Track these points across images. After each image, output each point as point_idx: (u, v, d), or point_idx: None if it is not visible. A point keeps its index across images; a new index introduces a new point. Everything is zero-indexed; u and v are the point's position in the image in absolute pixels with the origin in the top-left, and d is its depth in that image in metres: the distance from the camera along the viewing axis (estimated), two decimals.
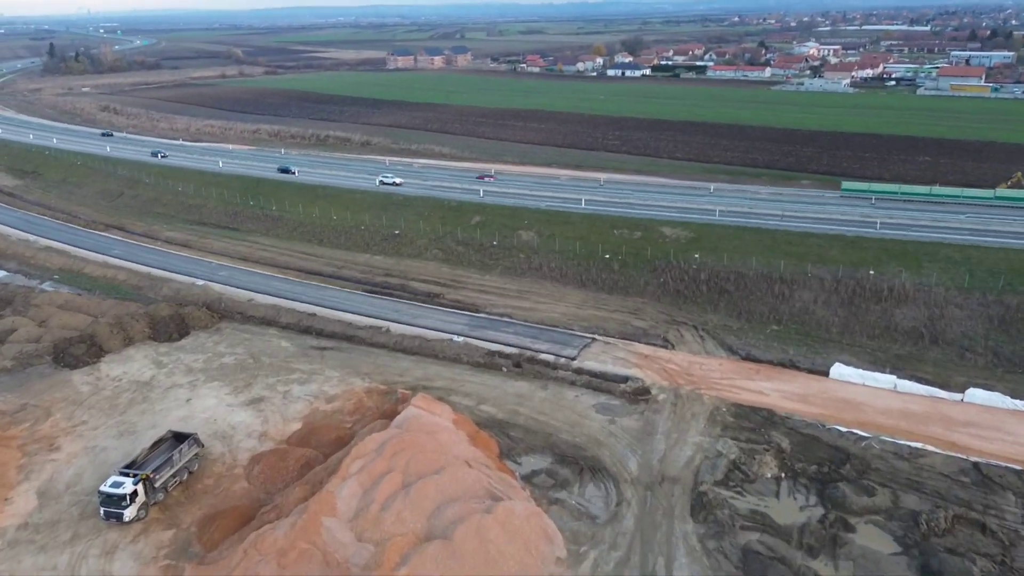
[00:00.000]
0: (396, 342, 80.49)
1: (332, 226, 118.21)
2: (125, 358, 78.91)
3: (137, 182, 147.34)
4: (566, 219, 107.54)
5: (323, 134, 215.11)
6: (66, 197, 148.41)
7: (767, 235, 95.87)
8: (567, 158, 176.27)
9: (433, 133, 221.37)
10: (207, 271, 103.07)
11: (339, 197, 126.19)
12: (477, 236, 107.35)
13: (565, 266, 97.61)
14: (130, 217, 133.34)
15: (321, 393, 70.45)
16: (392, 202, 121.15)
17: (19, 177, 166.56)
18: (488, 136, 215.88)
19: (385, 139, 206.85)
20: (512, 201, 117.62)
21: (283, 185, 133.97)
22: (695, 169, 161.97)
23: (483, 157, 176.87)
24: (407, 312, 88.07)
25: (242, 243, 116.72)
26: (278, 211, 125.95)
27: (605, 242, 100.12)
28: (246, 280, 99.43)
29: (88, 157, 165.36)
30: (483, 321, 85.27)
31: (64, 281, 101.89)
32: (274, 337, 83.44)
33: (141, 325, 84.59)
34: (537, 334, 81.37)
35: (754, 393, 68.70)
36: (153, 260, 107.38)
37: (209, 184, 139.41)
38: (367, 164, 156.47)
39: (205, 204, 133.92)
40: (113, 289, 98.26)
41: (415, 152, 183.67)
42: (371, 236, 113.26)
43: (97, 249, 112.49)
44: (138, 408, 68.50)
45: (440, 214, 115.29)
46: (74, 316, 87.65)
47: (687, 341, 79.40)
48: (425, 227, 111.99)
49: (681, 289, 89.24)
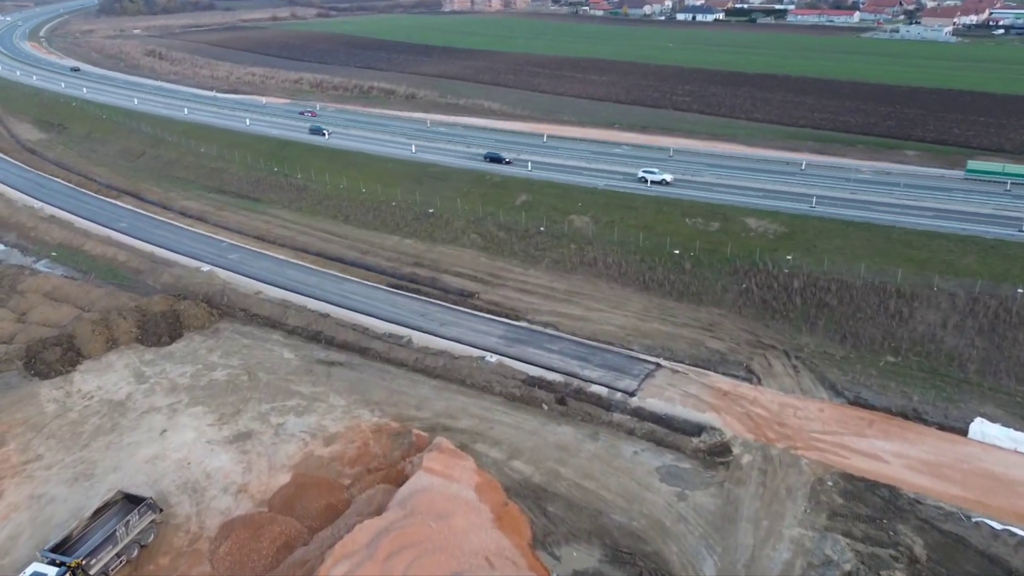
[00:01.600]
0: (417, 359, 66.81)
1: (360, 200, 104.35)
2: (104, 366, 67.49)
3: (160, 141, 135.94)
4: (628, 202, 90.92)
5: (367, 85, 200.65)
6: (86, 155, 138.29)
7: (878, 233, 77.48)
8: (631, 117, 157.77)
9: (484, 86, 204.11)
10: (216, 253, 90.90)
11: (371, 166, 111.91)
12: (522, 220, 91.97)
13: (625, 262, 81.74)
14: (148, 181, 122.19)
15: (320, 429, 57.55)
16: (428, 174, 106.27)
17: (45, 130, 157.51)
18: (544, 89, 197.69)
19: (432, 92, 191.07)
20: (565, 177, 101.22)
21: (312, 149, 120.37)
22: (777, 133, 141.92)
23: (536, 115, 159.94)
24: (434, 316, 74.14)
25: (261, 217, 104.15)
26: (303, 180, 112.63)
27: (675, 234, 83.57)
28: (257, 266, 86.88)
29: (114, 111, 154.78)
30: (523, 333, 70.75)
31: (61, 259, 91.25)
32: (277, 345, 70.80)
33: (129, 324, 73.06)
34: (588, 355, 66.52)
35: (868, 458, 52.79)
36: (159, 237, 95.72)
37: (234, 145, 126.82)
38: (407, 124, 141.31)
39: (227, 168, 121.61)
40: (110, 272, 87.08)
41: (462, 108, 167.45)
42: (402, 214, 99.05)
43: (103, 221, 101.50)
44: (103, 440, 56.87)
45: (481, 190, 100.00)
46: (58, 309, 76.68)
47: (776, 373, 63.39)
48: (463, 206, 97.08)
49: (768, 300, 72.65)
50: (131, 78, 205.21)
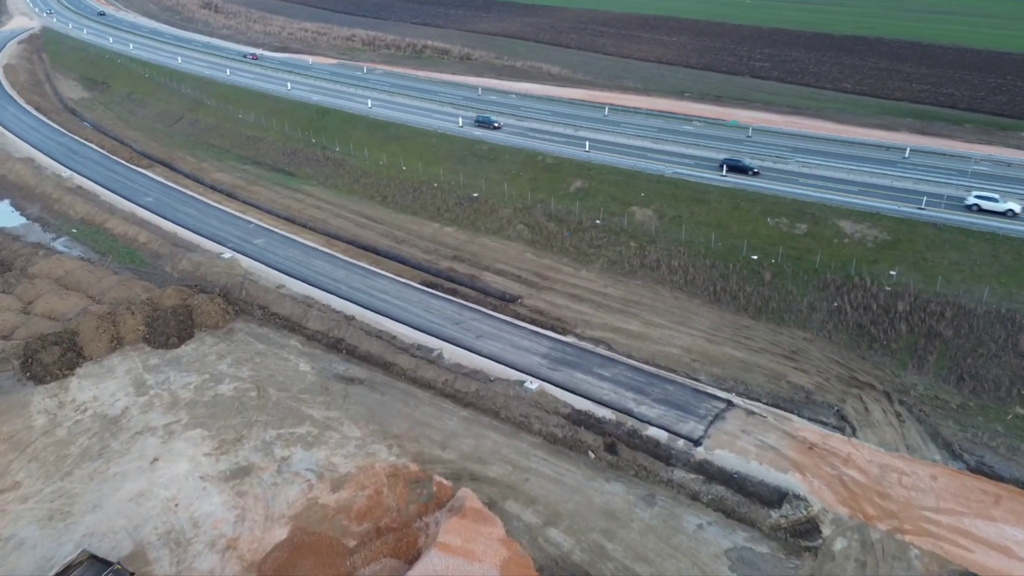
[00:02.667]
0: (447, 381, 58.04)
1: (400, 179, 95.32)
2: (104, 371, 60.96)
3: (199, 104, 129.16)
4: (700, 194, 79.27)
5: (420, 44, 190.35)
6: (125, 118, 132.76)
7: (1006, 247, 64.31)
8: (703, 84, 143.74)
9: (545, 46, 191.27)
10: (241, 236, 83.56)
11: (414, 140, 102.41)
12: (576, 210, 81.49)
13: (693, 267, 70.86)
14: (182, 148, 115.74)
15: (328, 468, 49.63)
16: (475, 152, 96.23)
17: (89, 88, 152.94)
18: (608, 51, 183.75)
19: (488, 52, 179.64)
20: (627, 160, 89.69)
21: (352, 119, 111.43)
22: (869, 107, 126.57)
23: (599, 80, 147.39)
24: (470, 325, 65.12)
25: (294, 194, 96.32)
26: (342, 153, 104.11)
27: (753, 235, 72.02)
28: (282, 254, 79.17)
29: (157, 70, 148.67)
30: (570, 352, 61.15)
31: (81, 237, 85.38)
32: (294, 353, 63.03)
33: (137, 320, 66.36)
34: (645, 385, 56.62)
35: (997, 552, 41.96)
36: (184, 215, 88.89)
37: (272, 112, 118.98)
38: (457, 91, 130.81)
39: (264, 137, 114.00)
40: (128, 255, 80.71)
41: (519, 72, 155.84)
42: (444, 197, 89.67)
43: (129, 195, 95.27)
44: (88, 468, 50.23)
45: (532, 173, 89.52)
46: (65, 299, 70.56)
47: (875, 422, 52.41)
48: (511, 191, 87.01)
49: (865, 324, 61.05)
50: (181, 33, 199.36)
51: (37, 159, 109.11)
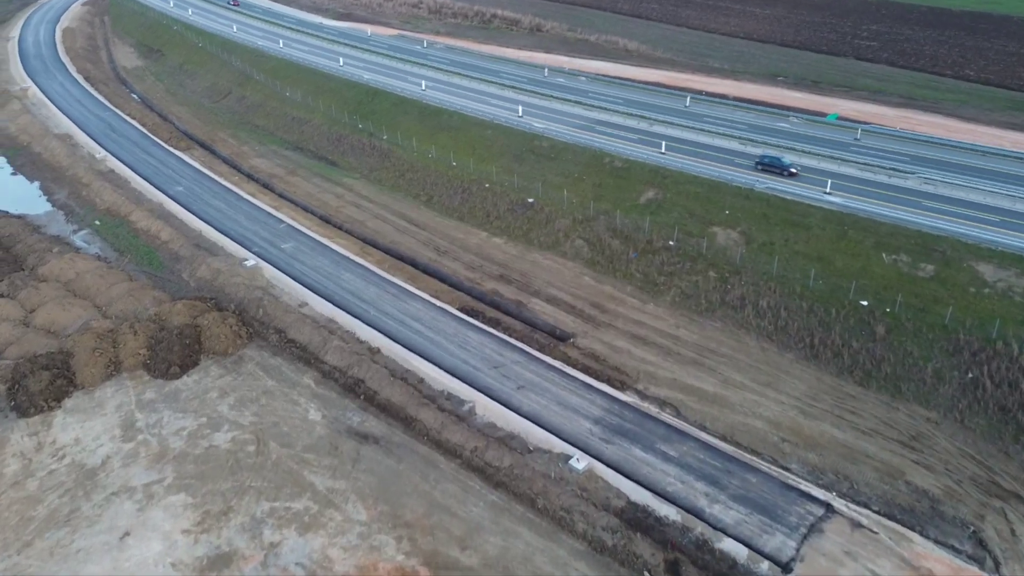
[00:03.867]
0: (477, 449, 48.22)
1: (449, 176, 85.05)
2: (94, 405, 53.67)
3: (247, 79, 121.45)
4: (798, 216, 66.22)
5: (489, 12, 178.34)
6: (173, 91, 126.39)
7: None
8: (799, 66, 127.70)
9: (623, 17, 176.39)
10: (269, 238, 75.30)
11: (467, 131, 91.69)
12: (646, 226, 69.64)
13: (785, 310, 58.54)
14: (225, 128, 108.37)
15: (323, 565, 40.75)
16: (533, 148, 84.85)
17: (144, 56, 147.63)
18: (693, 24, 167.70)
19: (561, 23, 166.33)
20: (708, 169, 76.78)
21: (403, 103, 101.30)
22: (999, 101, 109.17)
23: (681, 59, 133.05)
24: (511, 371, 54.93)
25: (333, 188, 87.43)
26: (388, 142, 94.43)
27: (864, 274, 58.99)
28: (311, 263, 70.47)
29: (211, 39, 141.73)
30: (629, 416, 50.34)
31: (103, 231, 78.81)
32: (305, 394, 54.32)
33: (138, 342, 58.91)
34: (721, 473, 45.50)
35: None
36: (213, 210, 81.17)
37: (321, 91, 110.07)
38: (521, 72, 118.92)
39: (309, 119, 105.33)
40: (147, 256, 73.59)
41: (593, 47, 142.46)
42: (495, 202, 79.06)
43: (160, 182, 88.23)
44: (51, 539, 42.84)
45: (596, 178, 77.74)
46: (68, 309, 63.71)
47: None
48: (571, 198, 75.66)
49: (1011, 407, 47.97)
50: None
51: (75, 136, 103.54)
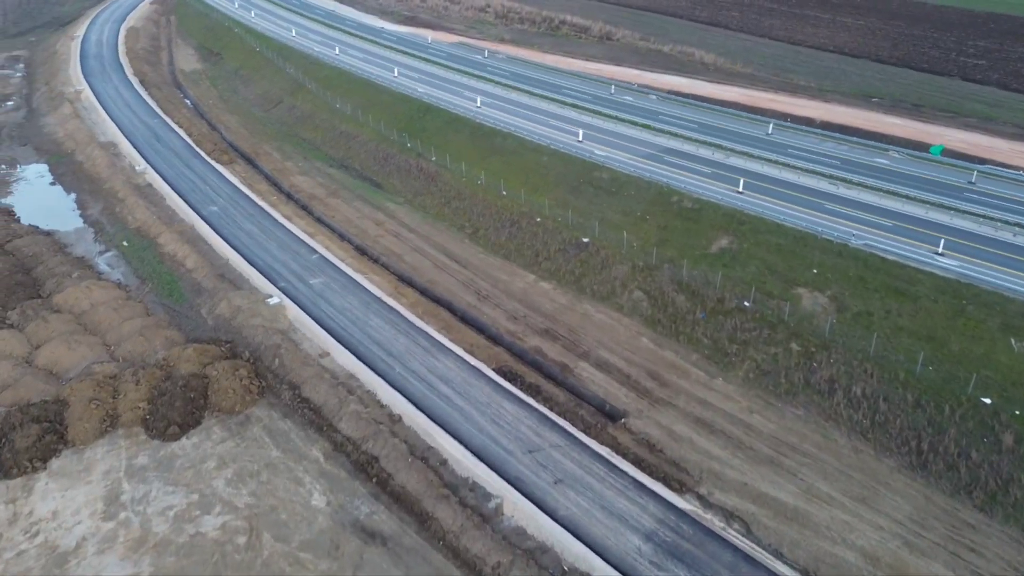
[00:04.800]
0: (499, 566, 40.30)
1: (498, 207, 77.36)
2: (81, 469, 48.16)
3: (299, 88, 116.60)
4: (903, 283, 55.82)
5: (558, 18, 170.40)
6: (226, 97, 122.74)
7: None
8: (897, 86, 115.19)
9: (700, 26, 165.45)
10: (298, 272, 69.20)
11: (521, 155, 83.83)
12: (717, 281, 60.33)
13: (885, 402, 48.56)
14: (272, 140, 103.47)
15: None
16: (591, 180, 76.31)
17: (204, 59, 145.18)
18: (777, 35, 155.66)
19: (633, 31, 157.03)
20: (794, 214, 66.72)
21: (456, 121, 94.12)
22: None
23: (762, 74, 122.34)
24: (550, 458, 46.84)
25: (374, 213, 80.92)
26: (437, 164, 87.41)
27: (987, 364, 48.50)
28: (338, 304, 63.92)
29: (269, 43, 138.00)
30: (687, 531, 41.59)
31: (129, 253, 74.26)
32: (311, 471, 47.52)
33: (140, 393, 53.46)
34: None
35: None
36: (244, 236, 75.72)
37: (372, 104, 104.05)
38: (585, 88, 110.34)
39: (357, 135, 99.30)
40: (169, 285, 68.44)
41: (666, 59, 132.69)
42: (547, 239, 70.93)
43: (195, 201, 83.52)
44: None
45: (662, 219, 68.71)
46: (74, 348, 58.74)
47: None
48: (632, 240, 66.92)
49: None
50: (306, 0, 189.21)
51: (119, 144, 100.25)
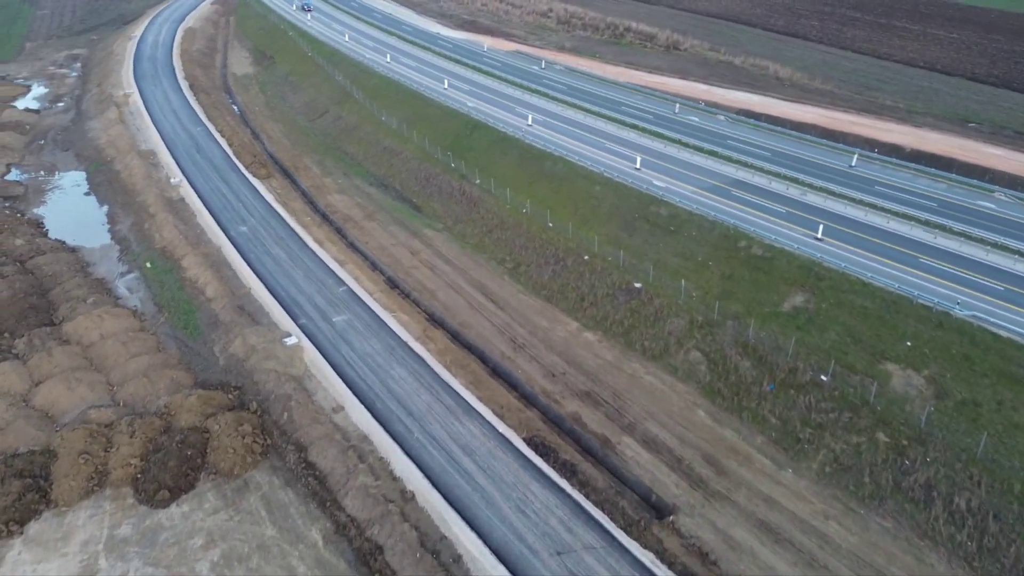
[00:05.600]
0: None
1: (542, 240, 70.34)
2: (59, 537, 43.39)
3: (347, 98, 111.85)
4: (1019, 368, 46.59)
5: (623, 25, 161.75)
6: (273, 104, 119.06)
7: None
8: (996, 109, 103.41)
9: (775, 36, 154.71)
10: (322, 307, 63.74)
11: (571, 182, 76.55)
12: (790, 347, 51.95)
13: (997, 520, 39.70)
14: (313, 153, 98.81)
15: None
16: (648, 215, 68.45)
17: (257, 62, 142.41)
18: (860, 47, 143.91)
19: (702, 40, 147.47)
20: (884, 270, 57.65)
21: (504, 141, 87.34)
22: None
23: (843, 91, 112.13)
24: (581, 564, 39.70)
25: (411, 240, 74.97)
26: (481, 188, 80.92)
27: None
28: (360, 349, 58.06)
29: (321, 48, 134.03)
30: None
31: (151, 275, 70.21)
32: (305, 561, 41.51)
33: (134, 447, 48.77)
34: None
35: None
36: (269, 262, 70.79)
37: (418, 118, 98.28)
38: (647, 105, 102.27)
39: (401, 151, 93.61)
40: (185, 316, 63.85)
41: (737, 73, 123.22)
42: (593, 281, 63.53)
43: (225, 220, 79.25)
44: None
45: (727, 266, 60.47)
46: (74, 388, 54.46)
47: None
48: (691, 289, 58.99)
49: None
50: (366, 3, 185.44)
51: (158, 154, 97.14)
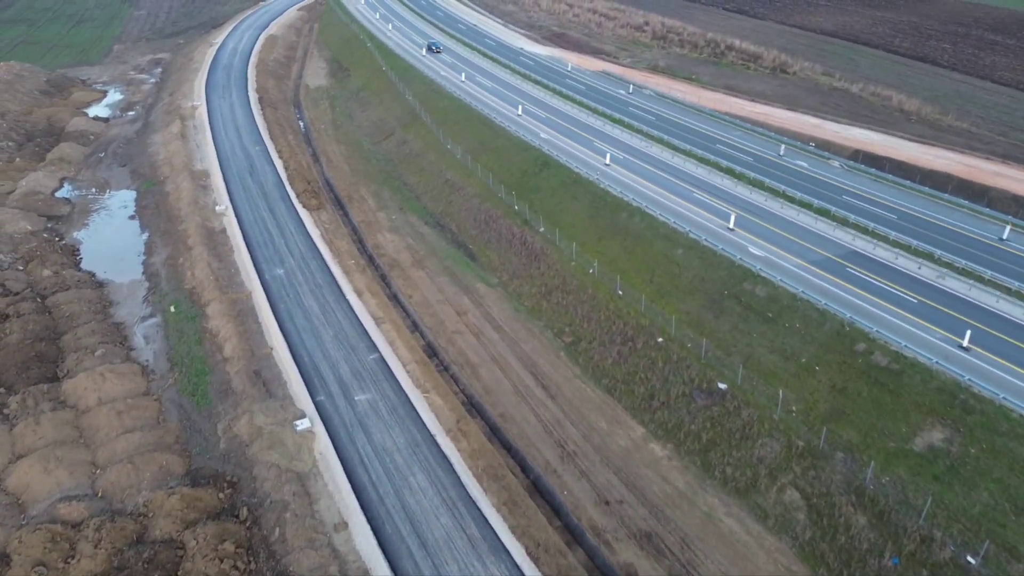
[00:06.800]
0: None
1: (609, 311, 59.22)
2: None
3: (414, 120, 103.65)
4: None
5: (725, 43, 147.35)
6: (339, 122, 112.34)
7: None
8: None
9: (899, 60, 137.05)
10: (345, 380, 54.95)
11: (649, 242, 64.93)
12: (925, 505, 39.01)
13: None
14: (371, 182, 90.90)
15: None
16: (740, 294, 56.16)
17: (332, 74, 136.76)
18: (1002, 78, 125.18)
19: (813, 63, 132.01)
20: None
21: (576, 183, 76.49)
22: None
23: (983, 132, 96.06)
24: None
25: (461, 296, 65.43)
26: (544, 238, 70.51)
27: None
28: (381, 442, 48.80)
29: (396, 62, 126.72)
30: None
31: (173, 321, 63.45)
32: None
33: (96, 562, 41.30)
34: None
35: None
36: (298, 319, 62.58)
37: (484, 148, 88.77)
38: (748, 144, 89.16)
39: (462, 186, 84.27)
40: (195, 379, 56.39)
41: (854, 102, 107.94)
42: (667, 374, 51.97)
43: (263, 259, 72.06)
44: None
45: (841, 376, 47.69)
46: (51, 472, 47.57)
47: None
48: (792, 402, 46.64)
49: None
50: (456, 9, 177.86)
51: (211, 175, 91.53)
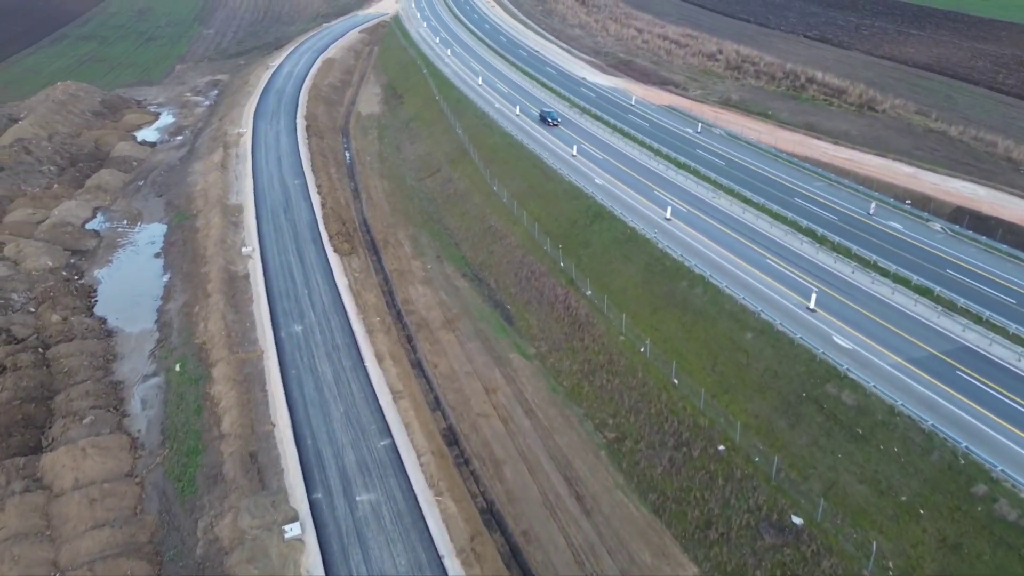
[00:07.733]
0: None
1: (662, 404, 50.29)
2: None
3: (462, 156, 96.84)
4: None
5: (805, 75, 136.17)
6: (386, 155, 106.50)
7: None
8: None
9: (1005, 100, 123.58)
10: (348, 473, 47.71)
11: (713, 319, 55.67)
12: None
13: None
14: (410, 224, 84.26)
15: None
16: (822, 398, 46.27)
17: (385, 101, 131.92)
18: None
19: (906, 100, 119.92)
20: None
21: (630, 240, 67.77)
22: None
23: None
24: None
25: (491, 371, 57.56)
26: (591, 303, 62.05)
27: None
28: (379, 563, 41.22)
29: (450, 90, 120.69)
30: None
31: (176, 384, 57.70)
32: None
33: None
34: None
35: None
36: (308, 390, 55.73)
37: (532, 193, 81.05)
38: (835, 200, 78.76)
39: (506, 235, 76.64)
40: (185, 459, 50.14)
41: (952, 148, 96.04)
42: (728, 496, 42.68)
43: (282, 313, 65.90)
44: None
45: (954, 523, 37.54)
46: (11, 568, 41.57)
47: None
48: (889, 553, 36.74)
49: None
50: (518, 33, 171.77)
51: (244, 210, 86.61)
